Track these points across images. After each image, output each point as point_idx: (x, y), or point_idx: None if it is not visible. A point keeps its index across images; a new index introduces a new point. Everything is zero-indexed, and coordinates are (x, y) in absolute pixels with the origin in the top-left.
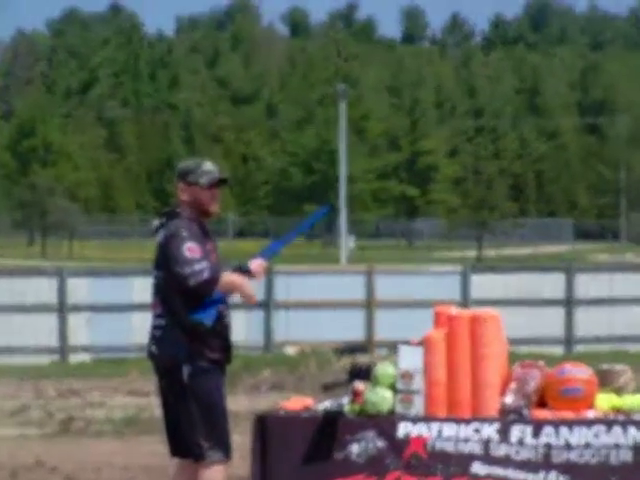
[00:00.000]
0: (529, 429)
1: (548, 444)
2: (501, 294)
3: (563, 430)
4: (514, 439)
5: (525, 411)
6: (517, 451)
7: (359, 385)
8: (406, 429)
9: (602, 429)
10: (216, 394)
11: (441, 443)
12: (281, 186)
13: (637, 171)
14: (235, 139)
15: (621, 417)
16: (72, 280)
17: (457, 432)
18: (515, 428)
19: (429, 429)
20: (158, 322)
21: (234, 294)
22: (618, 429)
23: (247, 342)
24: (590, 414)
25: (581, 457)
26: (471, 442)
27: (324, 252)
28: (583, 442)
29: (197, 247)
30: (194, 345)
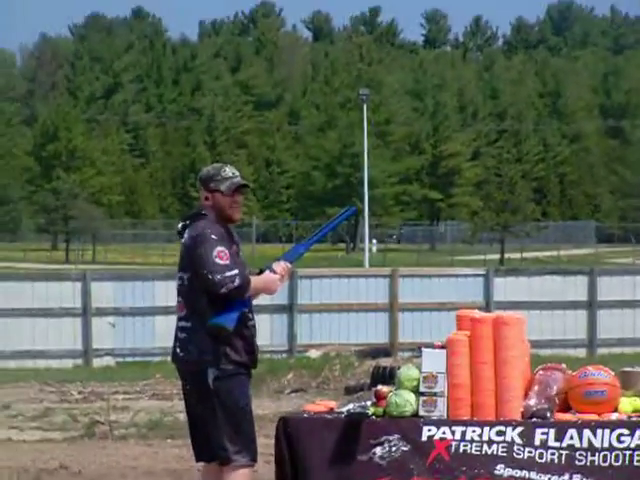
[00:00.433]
0: (552, 432)
1: (572, 446)
2: (524, 297)
3: (586, 433)
4: (537, 442)
5: (549, 414)
6: (541, 454)
7: (382, 388)
8: (430, 432)
9: (625, 432)
10: (242, 398)
11: (465, 446)
12: (304, 190)
13: None
14: (258, 144)
15: None
16: (96, 284)
17: (481, 435)
18: (538, 431)
19: (453, 432)
20: (183, 324)
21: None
22: None
23: (271, 346)
24: (613, 417)
25: (604, 460)
26: (494, 445)
27: (347, 256)
28: (606, 445)
29: (226, 252)
30: (219, 348)
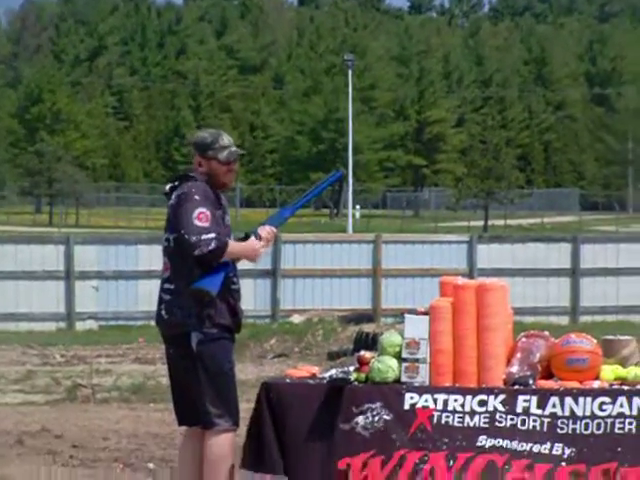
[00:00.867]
0: (535, 399)
1: (554, 414)
2: (507, 264)
3: (568, 401)
4: (520, 409)
5: (531, 381)
6: (523, 420)
7: (365, 354)
8: (412, 400)
9: (607, 400)
10: (225, 362)
11: (447, 417)
12: (288, 155)
13: None
14: (243, 108)
15: (626, 388)
16: (79, 248)
17: (463, 404)
18: (521, 398)
19: (435, 400)
20: (167, 286)
21: (241, 259)
22: (623, 400)
23: (254, 311)
24: (595, 384)
25: (586, 428)
26: (477, 416)
27: (331, 221)
28: (588, 413)
29: (207, 214)
30: (203, 311)
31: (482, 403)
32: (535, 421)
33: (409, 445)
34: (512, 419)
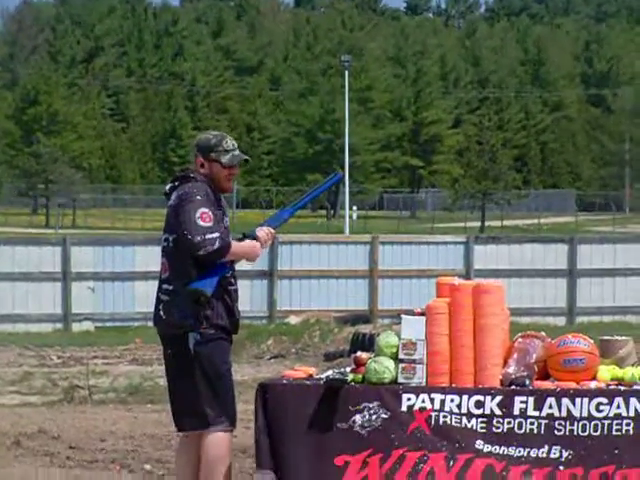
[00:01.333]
0: (531, 400)
1: (551, 415)
2: (504, 265)
3: (565, 401)
4: (516, 411)
5: (527, 382)
6: (520, 423)
7: (361, 355)
8: (409, 402)
9: (604, 401)
10: (222, 363)
11: (444, 417)
12: (285, 156)
13: None
14: (240, 109)
15: (622, 388)
16: (76, 249)
17: (459, 406)
18: (517, 399)
19: (432, 400)
20: (165, 287)
21: (241, 260)
22: (620, 400)
23: (251, 311)
24: (592, 385)
25: (583, 429)
26: (474, 418)
27: (328, 222)
28: (585, 414)
29: (209, 214)
30: (201, 311)
31: (479, 404)
32: (532, 424)
33: (408, 444)
34: (509, 422)
